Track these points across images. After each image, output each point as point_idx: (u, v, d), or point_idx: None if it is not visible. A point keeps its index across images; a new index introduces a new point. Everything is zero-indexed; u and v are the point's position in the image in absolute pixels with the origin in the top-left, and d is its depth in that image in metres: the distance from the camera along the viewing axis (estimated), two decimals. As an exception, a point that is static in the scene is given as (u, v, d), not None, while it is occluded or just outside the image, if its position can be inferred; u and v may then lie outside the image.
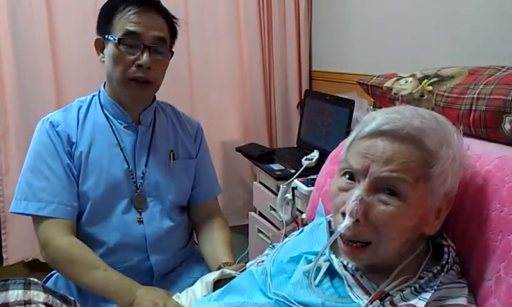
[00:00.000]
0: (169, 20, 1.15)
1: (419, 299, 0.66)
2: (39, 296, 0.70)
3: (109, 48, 1.10)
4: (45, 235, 1.07)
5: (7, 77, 1.85)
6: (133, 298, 1.00)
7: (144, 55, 1.07)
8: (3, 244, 1.92)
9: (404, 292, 0.67)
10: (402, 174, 0.67)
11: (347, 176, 0.73)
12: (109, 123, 1.16)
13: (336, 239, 0.73)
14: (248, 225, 2.03)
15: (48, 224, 1.07)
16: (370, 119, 0.73)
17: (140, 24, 1.07)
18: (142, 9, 1.08)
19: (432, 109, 0.96)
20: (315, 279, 0.75)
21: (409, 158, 0.67)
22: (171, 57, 1.18)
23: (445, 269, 0.70)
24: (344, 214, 0.70)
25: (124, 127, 1.17)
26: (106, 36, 1.10)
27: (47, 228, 1.07)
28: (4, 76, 1.85)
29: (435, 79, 1.00)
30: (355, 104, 1.68)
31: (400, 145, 0.68)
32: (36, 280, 0.73)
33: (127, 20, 1.07)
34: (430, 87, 0.99)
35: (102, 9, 1.13)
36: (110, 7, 1.11)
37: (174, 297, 1.00)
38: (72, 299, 0.79)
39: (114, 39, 1.07)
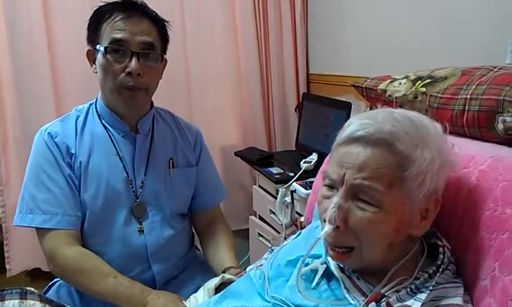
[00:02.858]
0: (158, 24, 1.12)
1: (415, 300, 0.66)
2: (35, 305, 0.71)
3: (99, 58, 1.08)
4: (51, 247, 1.06)
5: (6, 87, 1.85)
6: (144, 302, 1.00)
7: (133, 62, 1.05)
8: (6, 254, 1.92)
9: (400, 293, 0.68)
10: (373, 182, 0.67)
11: (327, 185, 0.75)
12: (108, 132, 1.15)
13: None
14: (248, 229, 2.04)
15: (54, 236, 1.06)
16: (347, 125, 0.74)
17: (126, 30, 1.05)
18: (127, 15, 1.05)
19: (426, 110, 0.97)
20: (312, 281, 0.77)
21: (382, 164, 0.68)
22: (164, 63, 1.17)
23: (440, 269, 0.70)
24: (325, 221, 0.71)
25: (122, 136, 1.16)
26: (95, 47, 1.09)
27: (52, 239, 1.06)
28: (2, 86, 1.85)
29: (428, 80, 1.00)
30: (352, 106, 1.69)
31: (373, 150, 0.68)
32: (32, 289, 0.73)
33: (112, 28, 1.05)
34: (423, 89, 0.99)
35: (90, 19, 1.11)
36: (97, 17, 1.09)
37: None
38: (70, 307, 0.79)
39: (102, 49, 1.06)
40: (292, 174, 1.67)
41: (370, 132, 0.69)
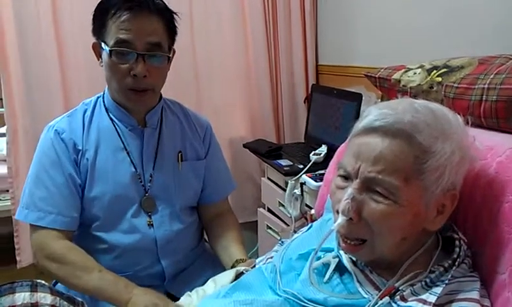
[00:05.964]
0: (166, 19, 1.08)
1: (430, 294, 0.65)
2: (46, 298, 0.70)
3: (104, 57, 1.07)
4: (39, 241, 1.07)
5: (15, 81, 1.85)
6: (129, 297, 0.99)
7: (139, 64, 1.03)
8: (16, 246, 1.93)
9: (414, 287, 0.66)
10: (388, 176, 0.65)
11: (342, 176, 0.73)
12: (114, 126, 1.14)
13: None
14: (257, 221, 2.03)
15: (44, 233, 1.07)
16: (365, 115, 0.72)
17: (131, 31, 1.02)
18: (133, 14, 1.02)
19: (442, 101, 0.95)
20: (324, 275, 0.75)
21: (399, 157, 0.66)
22: (172, 57, 1.14)
23: (456, 263, 0.68)
24: (338, 212, 0.70)
25: (129, 130, 1.15)
26: (101, 42, 1.07)
27: (41, 235, 1.07)
28: (12, 79, 1.85)
29: (444, 70, 0.98)
30: (363, 98, 1.67)
31: (391, 141, 0.67)
32: (43, 282, 0.73)
33: (118, 28, 1.02)
34: (439, 79, 0.97)
35: (94, 12, 1.08)
36: (102, 11, 1.06)
37: (184, 296, 1.00)
38: (80, 300, 0.79)
39: (107, 50, 1.04)
40: (301, 166, 1.65)
41: (389, 122, 0.67)
